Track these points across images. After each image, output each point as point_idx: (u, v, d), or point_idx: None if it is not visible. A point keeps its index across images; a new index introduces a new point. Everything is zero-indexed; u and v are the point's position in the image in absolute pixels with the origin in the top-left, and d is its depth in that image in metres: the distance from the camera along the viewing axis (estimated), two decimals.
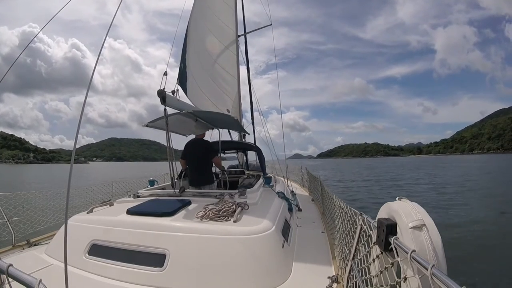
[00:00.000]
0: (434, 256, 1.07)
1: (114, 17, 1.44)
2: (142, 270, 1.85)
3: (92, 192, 4.35)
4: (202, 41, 5.30)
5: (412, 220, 1.15)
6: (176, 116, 3.30)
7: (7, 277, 0.84)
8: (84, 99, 1.16)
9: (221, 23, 5.94)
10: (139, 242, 1.99)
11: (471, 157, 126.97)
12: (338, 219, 2.34)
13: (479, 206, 10.28)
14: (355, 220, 1.70)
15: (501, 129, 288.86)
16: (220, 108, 5.55)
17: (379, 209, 1.44)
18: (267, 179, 3.89)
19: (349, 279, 1.75)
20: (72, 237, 2.10)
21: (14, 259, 2.29)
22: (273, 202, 2.91)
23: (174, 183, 3.13)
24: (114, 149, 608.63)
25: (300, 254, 2.35)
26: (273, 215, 2.38)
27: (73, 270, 1.94)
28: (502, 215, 8.78)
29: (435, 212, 8.67)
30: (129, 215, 2.31)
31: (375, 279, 1.38)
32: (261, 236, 1.97)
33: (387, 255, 1.25)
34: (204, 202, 2.62)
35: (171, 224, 2.09)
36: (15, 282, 0.84)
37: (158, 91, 2.84)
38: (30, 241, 2.85)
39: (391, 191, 15.30)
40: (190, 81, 4.62)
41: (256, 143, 6.22)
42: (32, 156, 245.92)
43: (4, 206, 2.95)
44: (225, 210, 2.26)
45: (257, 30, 8.04)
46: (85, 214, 2.56)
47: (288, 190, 4.66)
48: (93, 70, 1.25)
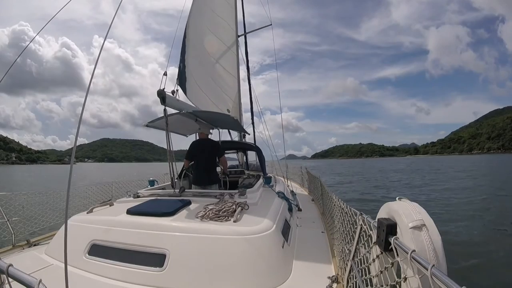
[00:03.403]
0: (434, 256, 1.07)
1: (113, 19, 1.44)
2: (142, 270, 1.85)
3: (91, 193, 4.34)
4: (201, 40, 5.29)
5: (412, 220, 1.15)
6: (176, 116, 3.30)
7: (7, 277, 0.84)
8: (83, 102, 1.15)
9: (222, 21, 5.93)
10: (139, 242, 1.99)
11: (476, 157, 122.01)
12: (338, 219, 2.34)
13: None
14: (355, 220, 1.70)
15: (500, 128, 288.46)
16: (220, 108, 5.55)
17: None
18: (267, 179, 3.89)
19: (349, 279, 1.75)
20: (72, 237, 2.10)
21: (14, 259, 2.29)
22: (273, 202, 2.91)
23: (174, 183, 3.13)
24: (106, 150, 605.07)
25: (300, 254, 2.35)
26: (273, 215, 2.38)
27: (73, 270, 1.94)
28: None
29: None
30: (129, 215, 2.31)
31: (375, 279, 1.38)
32: (261, 236, 1.97)
33: (387, 255, 1.25)
34: (204, 202, 2.61)
35: (171, 224, 2.09)
36: (15, 282, 0.84)
37: (158, 91, 2.84)
38: (30, 241, 2.85)
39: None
40: (190, 81, 4.62)
41: (256, 143, 6.22)
42: (15, 156, 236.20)
43: (4, 206, 2.95)
44: (225, 210, 2.26)
45: (257, 30, 8.04)
46: (85, 214, 2.56)
47: (288, 190, 4.66)
48: (92, 73, 1.24)
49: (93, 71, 1.26)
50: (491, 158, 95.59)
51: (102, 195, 4.44)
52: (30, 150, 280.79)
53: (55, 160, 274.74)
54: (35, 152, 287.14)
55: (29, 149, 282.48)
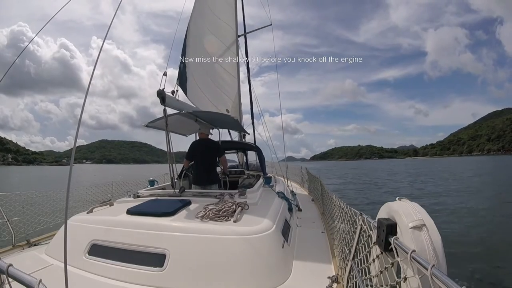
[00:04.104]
0: (434, 256, 1.06)
1: (112, 20, 1.43)
2: (142, 270, 1.85)
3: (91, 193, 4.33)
4: (201, 41, 5.30)
5: (412, 220, 1.15)
6: (176, 117, 3.31)
7: (7, 277, 0.84)
8: (83, 103, 1.15)
9: (222, 22, 5.94)
10: (139, 242, 1.99)
11: (478, 159, 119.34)
12: (338, 219, 2.34)
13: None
14: (355, 220, 1.71)
15: (500, 130, 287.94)
16: (220, 108, 5.55)
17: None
18: (267, 179, 3.89)
19: (349, 279, 1.75)
20: (72, 237, 2.10)
21: (14, 259, 2.29)
22: (273, 202, 2.91)
23: (174, 183, 3.13)
24: (104, 151, 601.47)
25: (300, 254, 2.35)
26: (273, 215, 2.38)
27: (73, 270, 1.94)
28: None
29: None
30: (129, 215, 2.31)
31: (375, 279, 1.38)
32: (261, 236, 1.97)
33: (387, 255, 1.24)
34: (204, 202, 2.61)
35: (171, 224, 2.09)
36: (15, 282, 0.84)
37: (157, 91, 2.84)
38: (30, 241, 2.85)
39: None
40: (190, 81, 4.62)
41: (256, 143, 6.22)
42: (11, 157, 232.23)
43: (4, 206, 2.95)
44: (225, 210, 2.26)
45: (257, 30, 8.05)
46: (85, 214, 2.56)
47: (288, 190, 4.66)
48: (92, 74, 1.24)
49: (92, 72, 1.26)
50: (494, 159, 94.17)
51: (102, 196, 4.44)
52: (27, 151, 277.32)
53: (52, 161, 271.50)
54: (32, 153, 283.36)
55: (26, 150, 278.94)
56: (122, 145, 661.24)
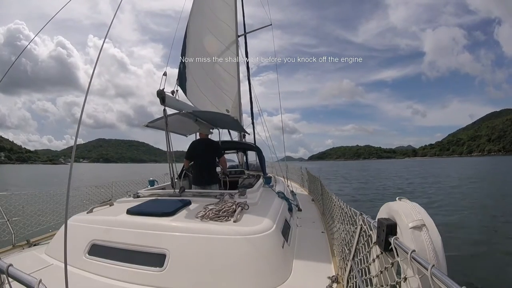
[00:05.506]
0: (434, 256, 1.06)
1: (112, 20, 1.43)
2: (142, 270, 1.85)
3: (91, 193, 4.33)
4: (201, 41, 5.30)
5: (412, 220, 1.15)
6: (176, 116, 3.30)
7: (7, 277, 0.84)
8: (83, 104, 1.15)
9: (221, 22, 5.94)
10: (139, 242, 1.99)
11: (478, 160, 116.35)
12: (338, 219, 2.34)
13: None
14: (355, 220, 1.71)
15: (500, 130, 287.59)
16: (219, 108, 5.55)
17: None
18: (267, 179, 3.89)
19: (349, 279, 1.75)
20: (72, 237, 2.10)
21: (14, 259, 2.29)
22: (273, 202, 2.91)
23: (174, 183, 3.13)
24: (101, 150, 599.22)
25: (300, 254, 2.35)
26: (273, 215, 2.38)
27: (73, 270, 1.94)
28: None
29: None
30: (129, 215, 2.31)
31: (375, 279, 1.38)
32: (261, 236, 1.97)
33: (387, 255, 1.25)
34: (204, 202, 2.61)
35: (171, 224, 2.09)
36: (15, 282, 0.84)
37: (157, 91, 2.83)
38: (30, 241, 2.85)
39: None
40: (190, 81, 4.62)
41: (255, 143, 6.22)
42: (4, 155, 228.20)
43: (4, 206, 2.95)
44: (225, 210, 2.26)
45: (257, 30, 8.05)
46: (85, 214, 2.56)
47: (288, 190, 4.66)
48: (92, 74, 1.23)
49: (92, 73, 1.25)
50: (496, 160, 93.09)
51: (102, 196, 4.44)
52: (21, 149, 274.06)
53: (46, 160, 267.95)
54: (26, 151, 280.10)
55: (20, 149, 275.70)
56: (120, 144, 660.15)
